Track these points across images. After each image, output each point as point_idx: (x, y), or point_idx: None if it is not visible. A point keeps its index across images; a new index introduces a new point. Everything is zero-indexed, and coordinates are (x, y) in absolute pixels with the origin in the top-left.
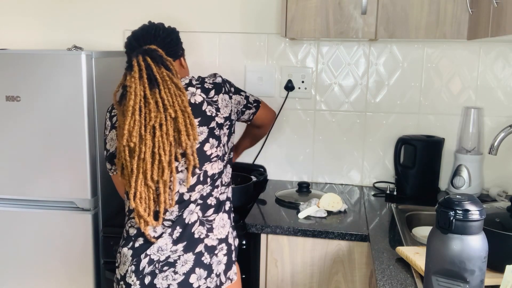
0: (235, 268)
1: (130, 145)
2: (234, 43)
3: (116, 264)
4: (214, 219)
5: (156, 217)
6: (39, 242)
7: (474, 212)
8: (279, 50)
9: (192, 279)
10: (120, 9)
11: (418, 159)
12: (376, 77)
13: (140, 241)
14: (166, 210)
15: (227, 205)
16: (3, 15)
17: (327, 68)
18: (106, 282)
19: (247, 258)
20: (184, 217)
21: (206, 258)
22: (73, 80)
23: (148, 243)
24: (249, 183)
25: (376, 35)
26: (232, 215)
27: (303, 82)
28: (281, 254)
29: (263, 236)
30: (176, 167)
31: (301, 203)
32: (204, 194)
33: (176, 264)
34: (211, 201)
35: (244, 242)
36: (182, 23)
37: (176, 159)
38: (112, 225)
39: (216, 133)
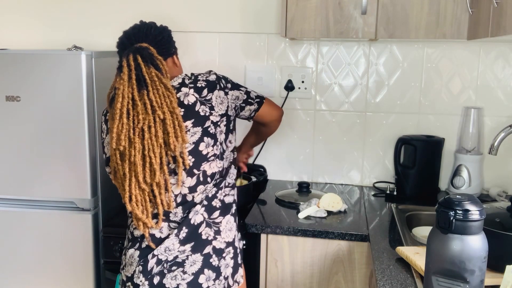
0: (241, 271)
1: (119, 149)
2: (234, 43)
3: (121, 266)
4: (221, 222)
5: (155, 219)
6: (39, 242)
7: (474, 212)
8: (279, 50)
9: (201, 279)
10: (120, 9)
11: (418, 159)
12: (376, 77)
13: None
14: (169, 212)
15: (233, 207)
16: (3, 15)
17: (327, 68)
18: (106, 282)
19: (247, 258)
20: (189, 217)
21: (214, 261)
22: (73, 80)
23: (155, 242)
24: (248, 183)
25: (376, 35)
26: (237, 217)
27: (303, 82)
28: (281, 254)
29: (263, 236)
30: (174, 169)
31: (301, 203)
32: (210, 195)
33: (184, 264)
34: (216, 203)
35: (244, 242)
36: (182, 23)
37: (168, 161)
38: (112, 225)
39: (211, 132)
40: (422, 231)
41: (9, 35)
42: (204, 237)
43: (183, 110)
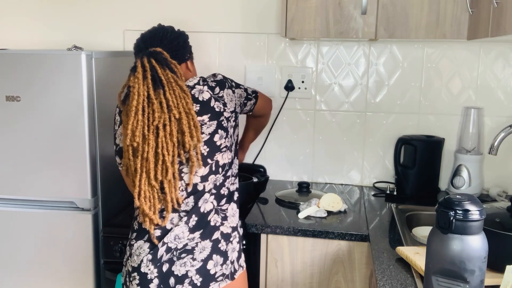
0: (243, 256)
1: (133, 145)
2: (234, 43)
3: (126, 257)
4: (227, 209)
5: (162, 215)
6: (39, 242)
7: (474, 212)
8: (279, 50)
9: (210, 265)
10: (120, 9)
11: (418, 159)
12: (376, 77)
13: (157, 233)
14: (177, 206)
15: (235, 195)
16: (3, 15)
17: (327, 68)
18: (106, 282)
19: (247, 258)
20: (199, 205)
21: (222, 245)
22: (73, 80)
23: (164, 233)
24: (249, 182)
25: (376, 35)
26: (238, 204)
27: (303, 82)
28: (281, 254)
29: (263, 236)
30: (187, 159)
31: (301, 203)
32: (218, 184)
33: (194, 251)
34: (224, 191)
35: (244, 242)
36: (182, 23)
37: (180, 160)
38: (112, 225)
39: (224, 125)
40: (422, 231)
41: (9, 35)
42: (212, 223)
43: (198, 105)
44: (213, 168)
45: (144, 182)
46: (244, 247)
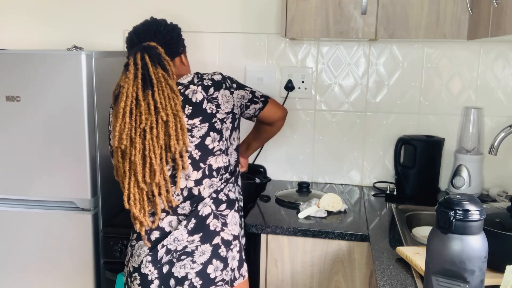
0: (245, 266)
1: (121, 147)
2: (234, 43)
3: (126, 258)
4: (227, 215)
5: (153, 218)
6: (39, 242)
7: (474, 212)
8: (279, 50)
9: (210, 269)
10: (120, 9)
11: (418, 159)
12: (376, 77)
13: (156, 234)
14: (177, 206)
15: (237, 204)
16: (3, 15)
17: (327, 68)
18: (106, 282)
19: (247, 258)
20: (198, 210)
21: (222, 251)
22: (73, 80)
23: (164, 236)
24: (251, 182)
25: (376, 35)
26: (241, 213)
27: (303, 82)
28: (281, 254)
29: (263, 236)
30: (174, 166)
31: (301, 203)
32: (216, 188)
33: (194, 254)
34: (222, 196)
35: (244, 242)
36: (182, 22)
37: (167, 163)
38: (112, 225)
39: (217, 127)
40: (422, 231)
41: (9, 35)
42: (212, 228)
43: (191, 107)
44: (207, 172)
45: (133, 185)
46: (244, 247)
